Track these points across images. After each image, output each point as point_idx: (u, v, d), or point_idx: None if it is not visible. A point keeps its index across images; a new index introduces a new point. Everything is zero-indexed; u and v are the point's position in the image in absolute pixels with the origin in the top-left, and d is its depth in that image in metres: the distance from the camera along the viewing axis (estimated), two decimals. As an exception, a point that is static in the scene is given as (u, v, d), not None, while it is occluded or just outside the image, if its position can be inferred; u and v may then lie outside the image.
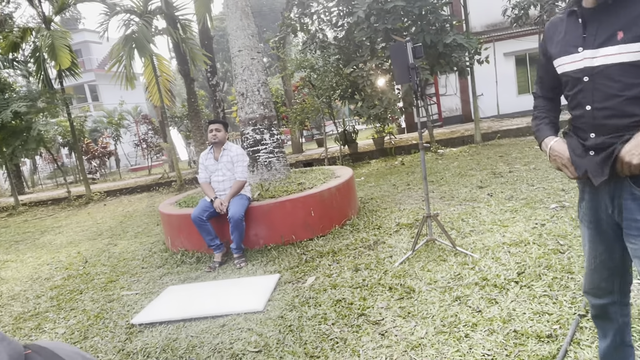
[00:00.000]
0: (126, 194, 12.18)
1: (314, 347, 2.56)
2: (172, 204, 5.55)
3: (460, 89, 15.64)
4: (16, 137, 9.91)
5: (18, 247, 7.09)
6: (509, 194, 5.30)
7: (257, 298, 3.32)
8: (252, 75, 5.59)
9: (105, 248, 6.04)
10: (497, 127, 11.84)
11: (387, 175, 8.38)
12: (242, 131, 5.73)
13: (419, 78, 3.55)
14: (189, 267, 4.49)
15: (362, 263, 3.75)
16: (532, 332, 2.31)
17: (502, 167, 7.08)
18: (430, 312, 2.73)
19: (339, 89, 10.26)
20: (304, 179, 5.49)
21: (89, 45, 33.56)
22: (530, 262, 3.18)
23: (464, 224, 4.42)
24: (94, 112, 29.29)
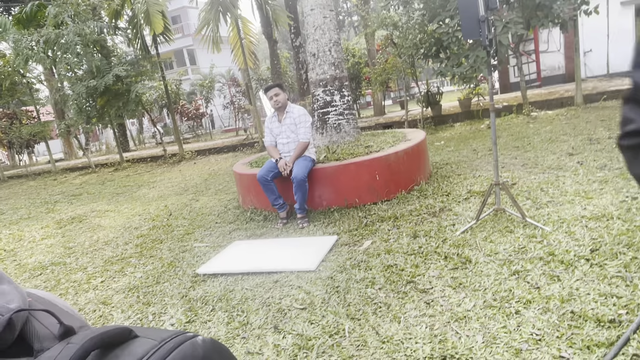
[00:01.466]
0: (214, 153, 12.92)
1: (357, 309, 2.56)
2: (245, 163, 5.77)
3: (564, 44, 14.05)
4: (118, 99, 10.86)
5: (118, 199, 7.90)
6: (603, 162, 4.74)
7: (312, 258, 3.38)
8: (324, 35, 5.49)
9: (188, 203, 6.51)
10: (604, 88, 10.52)
11: (469, 140, 7.92)
12: (312, 92, 5.71)
13: (494, 33, 3.21)
14: (256, 225, 4.68)
15: (422, 230, 3.62)
16: (592, 315, 2.08)
17: (600, 133, 6.32)
18: (484, 284, 2.58)
19: (423, 47, 9.73)
20: (372, 141, 5.38)
21: (186, 10, 35.19)
22: (609, 238, 2.84)
23: (543, 193, 4.05)
24: (192, 76, 31.10)
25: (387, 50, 12.22)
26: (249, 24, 12.23)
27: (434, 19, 9.11)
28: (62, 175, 13.53)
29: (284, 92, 4.53)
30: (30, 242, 5.60)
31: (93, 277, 3.93)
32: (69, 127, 12.70)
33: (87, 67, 10.62)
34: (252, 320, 2.65)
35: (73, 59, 10.12)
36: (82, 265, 4.34)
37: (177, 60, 35.02)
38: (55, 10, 10.08)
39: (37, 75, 13.87)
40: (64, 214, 7.20)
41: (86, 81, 10.26)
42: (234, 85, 19.40)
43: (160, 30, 10.73)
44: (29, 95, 13.54)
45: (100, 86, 10.14)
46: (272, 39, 12.03)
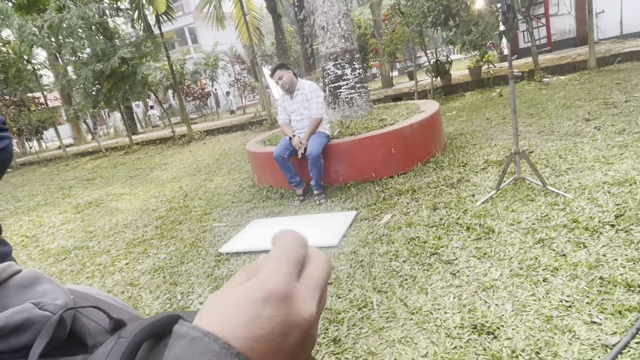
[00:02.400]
0: (223, 132, 12.90)
1: (383, 282, 2.59)
2: (258, 142, 5.77)
3: (575, 6, 13.65)
4: (124, 82, 10.81)
5: (132, 182, 7.97)
6: (621, 127, 4.66)
7: (333, 234, 3.41)
8: (333, 7, 5.38)
9: (202, 183, 6.54)
10: (617, 50, 10.27)
11: (482, 109, 7.82)
12: (323, 67, 5.64)
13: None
14: (273, 202, 4.71)
15: (442, 202, 3.62)
16: (622, 280, 2.09)
17: (617, 97, 6.21)
18: (508, 254, 2.59)
19: (431, 15, 9.51)
20: (386, 114, 5.33)
21: (186, -12, 34.58)
22: (634, 203, 2.82)
23: (561, 161, 4.02)
24: (194, 55, 30.78)
25: (394, 20, 11.97)
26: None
27: (442, -14, 8.89)
28: (73, 161, 13.63)
29: (288, 72, 4.39)
30: (51, 228, 5.69)
31: (117, 260, 4.00)
32: (77, 112, 12.71)
33: (92, 50, 10.54)
34: (280, 296, 2.69)
35: (77, 42, 10.04)
36: (104, 248, 4.41)
37: (179, 39, 34.60)
38: (56, -7, 9.96)
39: (42, 62, 13.81)
40: (81, 198, 7.28)
41: (92, 65, 10.20)
42: (238, 62, 19.20)
43: (163, 9, 10.59)
44: (35, 82, 13.52)
45: (106, 69, 10.08)
46: (276, 13, 11.84)
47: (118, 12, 11.58)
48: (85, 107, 11.89)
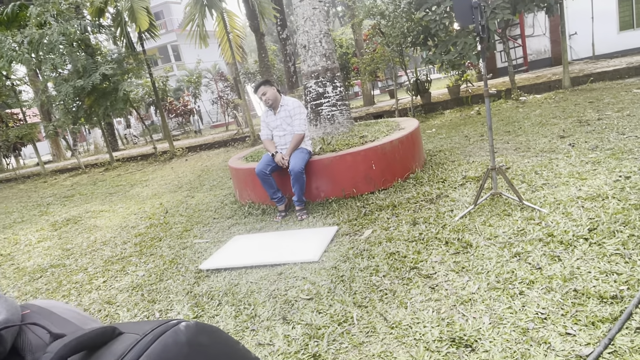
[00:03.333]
0: (205, 149, 12.85)
1: (363, 297, 2.60)
2: (241, 158, 5.77)
3: (550, 28, 14.15)
4: (106, 98, 10.74)
5: (111, 199, 7.85)
6: (594, 143, 4.82)
7: (314, 249, 3.41)
8: (314, 26, 5.48)
9: (183, 200, 6.49)
10: (590, 70, 10.65)
11: (460, 126, 7.98)
12: (304, 84, 5.70)
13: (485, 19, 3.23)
14: (254, 219, 4.70)
15: (421, 217, 3.67)
16: (595, 292, 2.14)
17: (590, 115, 6.41)
18: (486, 267, 2.63)
19: (411, 36, 9.75)
20: (367, 131, 5.40)
21: (169, 6, 34.79)
22: (606, 218, 2.91)
23: (537, 176, 4.12)
24: (177, 72, 30.78)
25: (375, 40, 12.21)
26: (235, 17, 12.13)
27: (421, 7, 9.13)
28: (52, 177, 13.37)
29: (272, 88, 4.45)
30: (27, 246, 5.55)
31: (95, 278, 3.92)
32: (57, 128, 12.53)
33: (73, 66, 10.47)
34: (260, 312, 2.67)
35: (57, 59, 9.96)
36: (82, 266, 4.33)
37: (162, 56, 34.62)
38: (37, 10, 9.90)
39: (21, 78, 13.64)
40: (58, 215, 7.14)
41: (73, 81, 10.11)
42: (221, 79, 19.26)
43: (146, 26, 10.61)
44: (14, 98, 13.32)
45: (87, 86, 10.01)
46: (259, 32, 11.96)
47: (100, 29, 11.56)
48: (65, 123, 11.74)
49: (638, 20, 13.32)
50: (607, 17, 13.52)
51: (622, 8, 13.57)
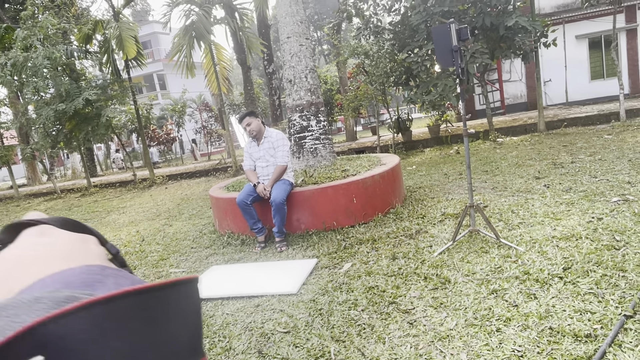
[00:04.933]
0: (186, 178, 12.76)
1: (341, 331, 2.57)
2: (222, 188, 5.75)
3: (525, 74, 14.78)
4: (87, 123, 10.65)
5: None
6: (568, 185, 4.97)
7: (293, 281, 3.38)
8: (300, 62, 5.61)
9: (161, 228, 6.38)
10: (564, 115, 11.10)
11: (440, 164, 8.14)
12: (289, 117, 5.79)
13: (465, 62, 3.39)
14: (233, 249, 4.64)
15: (401, 252, 3.69)
16: (570, 331, 2.17)
17: (564, 158, 6.64)
18: (464, 304, 2.64)
19: (393, 75, 10.05)
20: (349, 166, 5.47)
21: (157, 36, 35.17)
22: (579, 257, 2.97)
23: (514, 215, 4.20)
24: (162, 100, 30.83)
25: (359, 78, 12.54)
26: (222, 50, 12.34)
27: (404, 49, 9.47)
28: (25, 202, 13.02)
29: (256, 119, 4.51)
30: (-7, 271, 5.33)
31: (63, 306, 3.77)
32: (34, 151, 12.31)
33: (56, 90, 10.41)
34: (235, 345, 2.61)
35: (40, 82, 9.91)
36: (51, 293, 4.17)
37: (147, 84, 34.72)
38: (24, 33, 9.91)
39: (1, 99, 13.47)
40: (29, 241, 6.91)
41: (54, 105, 10.04)
42: (206, 110, 19.36)
43: (133, 55, 10.69)
44: (-8, 119, 13.11)
45: (69, 110, 9.93)
46: (245, 65, 12.16)
47: (87, 55, 11.59)
48: (43, 146, 11.55)
49: (608, 71, 14.05)
50: (579, 66, 14.24)
51: (592, 58, 14.33)
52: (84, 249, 0.32)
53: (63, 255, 0.30)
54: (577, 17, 13.75)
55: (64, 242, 0.32)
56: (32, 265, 0.29)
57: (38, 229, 0.34)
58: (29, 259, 0.29)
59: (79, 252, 0.31)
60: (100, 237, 0.36)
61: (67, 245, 0.31)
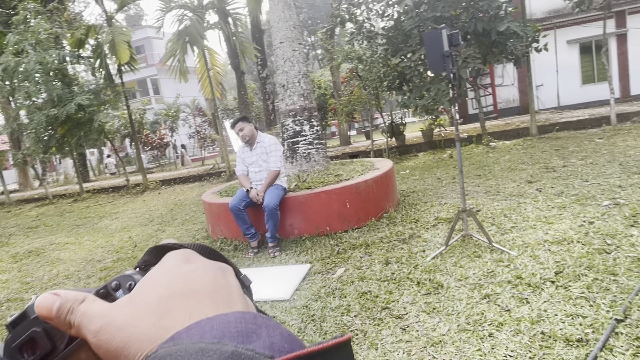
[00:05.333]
0: (179, 183, 12.70)
1: (333, 337, 2.55)
2: (215, 193, 5.72)
3: (518, 79, 14.89)
4: (80, 128, 10.59)
5: (78, 231, 7.60)
6: (560, 189, 5.00)
7: (286, 287, 3.36)
8: (293, 67, 5.62)
9: (154, 234, 6.34)
10: (556, 119, 11.18)
11: (433, 169, 8.17)
12: (282, 122, 5.79)
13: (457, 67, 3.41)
14: (226, 254, 4.58)
15: (394, 257, 3.68)
16: (561, 335, 2.17)
17: (555, 162, 6.68)
18: (456, 309, 2.64)
19: (386, 80, 10.09)
20: (342, 170, 5.47)
21: (151, 41, 35.10)
22: (571, 261, 2.99)
23: (506, 219, 4.22)
24: (155, 105, 30.75)
25: (352, 83, 12.57)
26: (216, 55, 12.34)
27: (397, 54, 9.51)
28: (16, 207, 12.90)
29: (249, 124, 4.51)
30: (-17, 278, 5.28)
31: (54, 313, 3.73)
32: (26, 157, 12.22)
33: (48, 95, 10.34)
34: (227, 352, 2.59)
35: (32, 87, 9.85)
36: (41, 300, 4.12)
37: (140, 89, 34.62)
38: (15, 38, 9.86)
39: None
40: (20, 247, 6.85)
41: (46, 110, 9.97)
42: (199, 114, 19.32)
43: (126, 59, 10.65)
44: (-17, 124, 12.99)
45: (61, 115, 9.87)
46: (239, 70, 12.16)
47: (79, 60, 11.54)
48: (35, 152, 11.47)
49: (599, 75, 14.18)
50: (570, 71, 14.36)
51: (584, 63, 14.47)
52: (225, 282, 0.32)
53: (210, 290, 0.30)
54: (568, 22, 13.89)
55: (208, 272, 0.32)
56: (183, 299, 0.29)
57: (182, 253, 0.34)
58: (179, 291, 0.30)
59: (223, 287, 0.31)
60: (236, 268, 0.37)
61: (212, 277, 0.32)
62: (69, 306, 0.30)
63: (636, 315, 2.25)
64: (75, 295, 0.31)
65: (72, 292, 0.31)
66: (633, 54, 13.89)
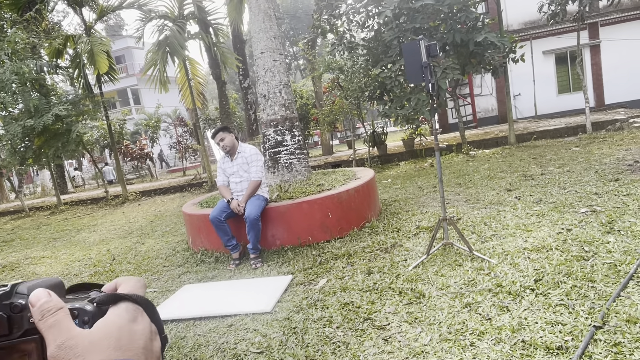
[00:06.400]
0: (160, 194, 12.53)
1: (315, 350, 2.52)
2: (195, 204, 5.65)
3: (496, 89, 15.18)
4: (57, 139, 10.38)
5: (55, 244, 7.41)
6: (538, 197, 5.07)
7: (267, 299, 3.32)
8: (274, 77, 5.61)
9: (133, 246, 6.22)
10: (533, 128, 11.41)
11: (415, 178, 8.23)
12: (263, 132, 5.76)
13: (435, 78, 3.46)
14: (207, 267, 4.54)
15: (376, 266, 3.67)
16: (542, 343, 2.18)
17: (534, 170, 6.80)
18: (438, 318, 2.64)
19: (368, 90, 10.17)
20: (324, 180, 5.46)
21: (131, 51, 34.81)
22: (550, 268, 3.02)
23: (486, 227, 4.26)
24: (136, 115, 30.41)
25: (334, 93, 12.64)
26: (197, 65, 12.27)
27: (377, 64, 9.60)
28: (-10, 221, 12.53)
29: (230, 135, 4.49)
30: (-47, 295, 5.08)
31: (27, 331, 3.61)
32: (1, 168, 11.90)
33: (24, 106, 10.13)
34: (207, 367, 2.53)
35: (8, 98, 9.62)
36: (14, 317, 3.98)
37: (120, 99, 34.21)
38: (-10, 48, 9.64)
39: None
40: (-7, 262, 6.64)
41: (23, 121, 9.75)
42: (180, 125, 19.16)
43: (105, 70, 10.52)
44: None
45: (38, 126, 9.66)
46: (220, 80, 12.11)
47: (57, 70, 11.35)
48: (10, 163, 11.19)
49: (574, 85, 14.56)
50: (547, 81, 14.71)
51: (559, 73, 14.84)
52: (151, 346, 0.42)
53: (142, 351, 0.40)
54: (544, 34, 14.25)
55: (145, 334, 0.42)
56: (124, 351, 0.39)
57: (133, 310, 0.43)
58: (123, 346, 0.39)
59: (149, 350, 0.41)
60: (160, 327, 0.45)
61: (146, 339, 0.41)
62: (52, 306, 0.38)
63: (614, 321, 2.28)
64: (61, 302, 0.39)
65: (59, 298, 0.40)
66: (606, 64, 14.31)
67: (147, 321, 0.43)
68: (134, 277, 0.51)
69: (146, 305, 0.45)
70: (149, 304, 0.45)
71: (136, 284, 0.49)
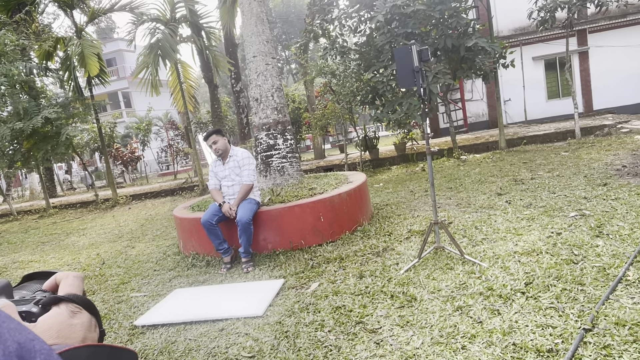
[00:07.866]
0: (151, 197, 12.45)
1: (307, 354, 2.51)
2: (186, 207, 5.62)
3: (486, 94, 15.32)
4: (47, 142, 10.27)
5: (43, 248, 7.32)
6: (528, 201, 5.12)
7: (259, 303, 3.31)
8: (267, 81, 5.62)
9: (123, 250, 6.17)
10: (523, 133, 11.52)
11: (406, 182, 8.26)
12: (255, 136, 5.76)
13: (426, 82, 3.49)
14: (198, 271, 4.52)
15: (368, 270, 3.68)
16: (532, 346, 2.19)
17: (524, 174, 6.86)
18: (430, 321, 2.64)
19: (360, 95, 10.21)
20: (316, 184, 5.46)
21: (122, 54, 34.63)
22: (540, 272, 3.04)
23: (477, 231, 4.28)
24: (127, 119, 30.19)
25: (326, 97, 12.67)
26: (189, 68, 12.23)
27: (369, 69, 9.64)
28: (-23, 224, 12.35)
29: (223, 138, 4.47)
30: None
31: (14, 336, 3.56)
32: (-12, 171, 11.75)
33: (13, 108, 10.02)
34: (198, 372, 2.51)
35: (-3, 100, 9.53)
36: (1, 322, 3.92)
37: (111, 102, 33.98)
38: (-22, 49, 9.54)
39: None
40: (-20, 266, 6.53)
41: (11, 123, 9.65)
42: (172, 128, 19.07)
43: (96, 72, 10.44)
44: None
45: (27, 128, 9.56)
46: (212, 84, 12.09)
47: (47, 72, 11.25)
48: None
49: (563, 91, 14.74)
50: (536, 86, 14.88)
51: (549, 79, 15.01)
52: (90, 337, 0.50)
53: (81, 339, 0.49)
54: (533, 40, 14.42)
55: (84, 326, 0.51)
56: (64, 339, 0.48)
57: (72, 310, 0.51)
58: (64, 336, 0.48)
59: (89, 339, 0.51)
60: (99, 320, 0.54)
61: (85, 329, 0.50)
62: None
63: (603, 324, 2.30)
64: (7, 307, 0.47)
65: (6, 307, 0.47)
66: (594, 70, 14.51)
67: (86, 316, 0.52)
68: (72, 272, 0.58)
69: (85, 304, 0.53)
70: (88, 302, 0.54)
71: (74, 280, 0.57)
